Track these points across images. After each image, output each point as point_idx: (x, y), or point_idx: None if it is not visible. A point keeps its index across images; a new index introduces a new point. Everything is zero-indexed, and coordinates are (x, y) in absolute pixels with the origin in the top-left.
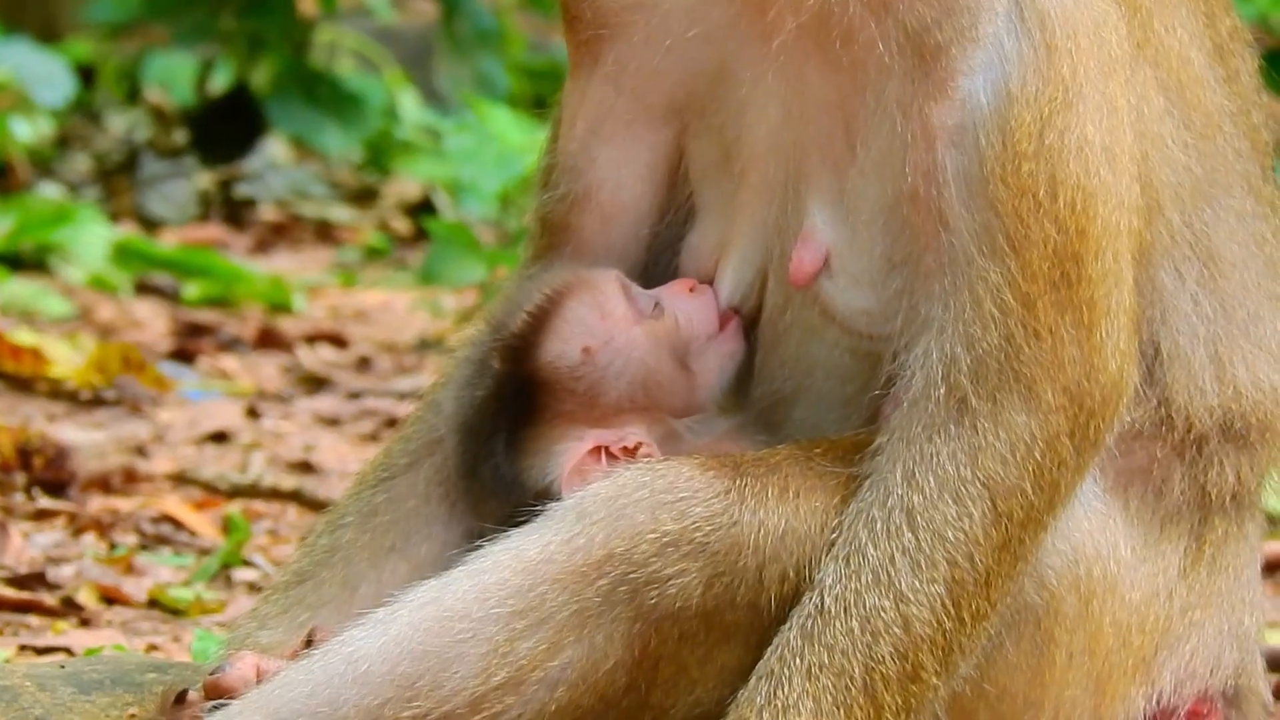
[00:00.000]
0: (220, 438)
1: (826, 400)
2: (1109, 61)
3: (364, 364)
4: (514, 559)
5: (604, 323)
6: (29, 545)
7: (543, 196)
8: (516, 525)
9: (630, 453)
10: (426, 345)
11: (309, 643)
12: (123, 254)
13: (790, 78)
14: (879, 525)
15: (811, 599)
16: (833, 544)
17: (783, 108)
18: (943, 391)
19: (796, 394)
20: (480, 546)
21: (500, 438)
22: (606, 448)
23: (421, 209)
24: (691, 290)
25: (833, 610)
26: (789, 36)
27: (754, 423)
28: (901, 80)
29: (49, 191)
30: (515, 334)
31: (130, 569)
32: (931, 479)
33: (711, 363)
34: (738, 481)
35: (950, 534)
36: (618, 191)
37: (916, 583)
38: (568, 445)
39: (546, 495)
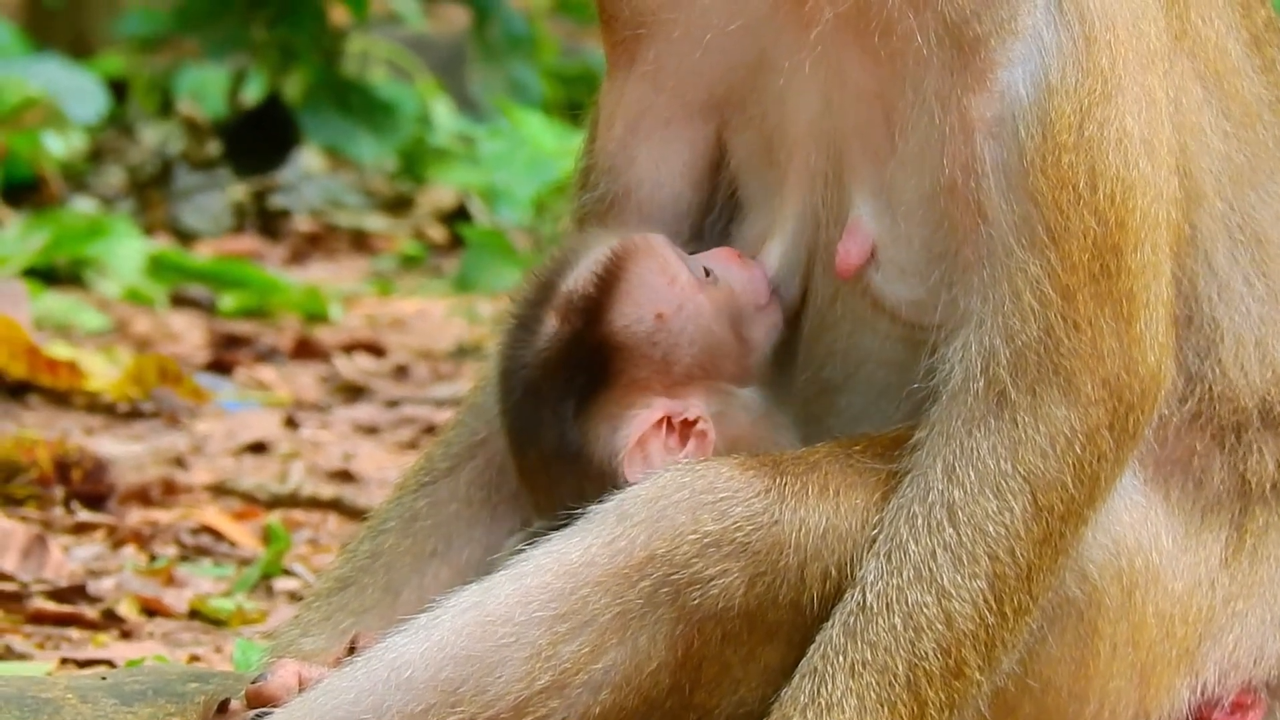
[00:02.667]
0: (259, 448)
1: (878, 389)
2: (1148, 53)
3: (401, 372)
4: (556, 562)
5: (673, 288)
6: (69, 558)
7: (581, 198)
8: (555, 522)
9: (689, 426)
10: (464, 352)
11: (352, 649)
12: (158, 266)
13: (829, 67)
14: (920, 521)
15: (854, 596)
16: (874, 541)
17: (822, 97)
18: (982, 385)
19: (846, 383)
20: (522, 549)
21: (570, 402)
22: (669, 418)
23: (456, 216)
24: (739, 259)
25: (875, 607)
26: (827, 26)
27: (800, 412)
28: (940, 72)
29: (83, 206)
30: (583, 295)
31: (171, 580)
32: (972, 473)
33: (760, 333)
34: (778, 480)
35: (991, 528)
36: (657, 190)
37: (958, 578)
38: (637, 413)
39: (604, 469)
